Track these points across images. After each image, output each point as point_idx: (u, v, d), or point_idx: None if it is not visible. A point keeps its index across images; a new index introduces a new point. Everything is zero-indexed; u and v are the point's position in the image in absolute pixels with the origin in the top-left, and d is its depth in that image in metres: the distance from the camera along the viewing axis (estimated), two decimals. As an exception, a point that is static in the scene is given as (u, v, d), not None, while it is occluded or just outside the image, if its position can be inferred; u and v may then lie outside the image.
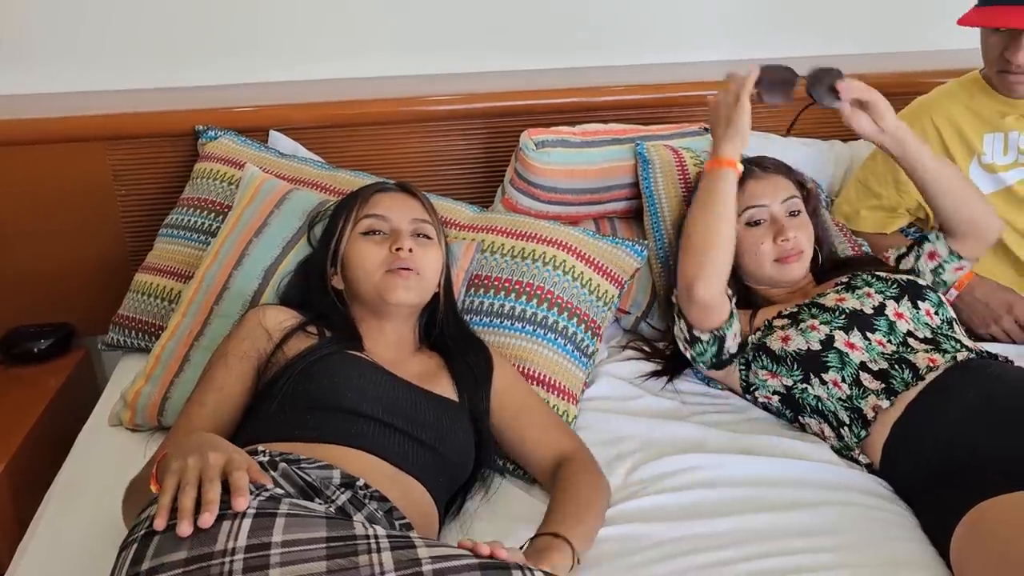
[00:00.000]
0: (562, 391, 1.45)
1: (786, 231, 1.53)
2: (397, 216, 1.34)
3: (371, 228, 1.33)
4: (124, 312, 1.70)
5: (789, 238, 1.52)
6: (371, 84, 2.03)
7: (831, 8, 2.25)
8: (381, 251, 1.30)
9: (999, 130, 1.75)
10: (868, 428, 1.34)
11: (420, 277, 1.31)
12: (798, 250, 1.54)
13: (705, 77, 2.08)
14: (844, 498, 1.25)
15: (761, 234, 1.55)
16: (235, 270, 1.51)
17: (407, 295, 1.29)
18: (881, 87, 2.06)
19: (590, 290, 1.55)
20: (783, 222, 1.54)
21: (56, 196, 1.84)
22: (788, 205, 1.57)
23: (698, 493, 1.27)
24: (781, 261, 1.54)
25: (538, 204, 1.75)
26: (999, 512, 1.10)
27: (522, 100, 1.94)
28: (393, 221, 1.33)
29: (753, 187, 1.57)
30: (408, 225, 1.34)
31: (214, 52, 2.02)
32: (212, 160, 1.76)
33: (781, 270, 1.54)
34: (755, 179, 1.58)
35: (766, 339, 1.46)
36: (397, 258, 1.29)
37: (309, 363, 1.20)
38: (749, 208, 1.56)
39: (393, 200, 1.37)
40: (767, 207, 1.56)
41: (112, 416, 1.48)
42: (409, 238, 1.31)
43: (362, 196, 1.38)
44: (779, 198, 1.57)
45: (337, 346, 1.25)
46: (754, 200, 1.56)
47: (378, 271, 1.29)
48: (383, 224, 1.33)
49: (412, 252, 1.29)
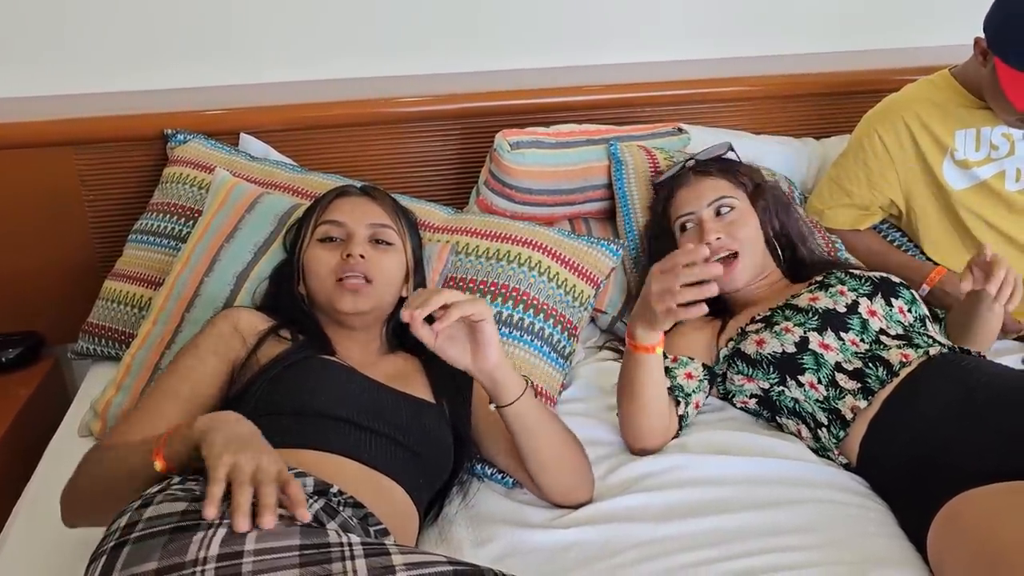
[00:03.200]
0: (539, 392, 1.45)
1: (707, 234, 1.51)
2: (354, 221, 1.32)
3: (327, 235, 1.32)
4: (93, 320, 1.67)
5: (710, 240, 1.50)
6: (343, 86, 2.01)
7: (800, 7, 2.26)
8: (333, 258, 1.29)
9: (970, 126, 1.76)
10: (847, 428, 1.34)
11: (373, 285, 1.28)
12: (728, 248, 1.52)
13: (678, 76, 2.09)
14: (822, 496, 1.25)
15: (688, 239, 1.55)
16: (206, 276, 1.49)
17: (356, 303, 1.27)
18: (850, 85, 2.11)
19: (566, 291, 1.54)
20: (707, 224, 1.53)
21: (22, 202, 1.81)
22: (716, 206, 1.56)
23: (678, 493, 1.26)
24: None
25: (513, 205, 1.75)
26: (974, 506, 1.11)
27: (496, 101, 1.93)
28: (349, 226, 1.31)
29: (682, 195, 1.60)
30: (364, 230, 1.31)
31: (183, 54, 1.99)
32: (181, 164, 1.74)
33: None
34: (684, 187, 1.60)
35: (740, 344, 1.46)
36: (347, 265, 1.27)
37: (282, 368, 1.19)
38: (680, 217, 1.58)
39: (352, 205, 1.35)
40: (695, 213, 1.56)
41: (82, 426, 1.45)
42: (364, 244, 1.29)
43: (322, 201, 1.36)
44: (704, 201, 1.56)
45: (308, 351, 1.23)
46: (683, 208, 1.58)
47: (329, 279, 1.28)
48: (339, 230, 1.31)
49: (364, 259, 1.27)
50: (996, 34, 1.61)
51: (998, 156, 1.75)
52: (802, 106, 2.13)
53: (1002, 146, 1.75)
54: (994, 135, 1.75)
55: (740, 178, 1.62)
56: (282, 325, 1.27)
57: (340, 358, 1.25)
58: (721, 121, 2.08)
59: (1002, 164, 1.76)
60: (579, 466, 1.26)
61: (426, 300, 1.07)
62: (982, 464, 1.16)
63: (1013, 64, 1.57)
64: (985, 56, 1.65)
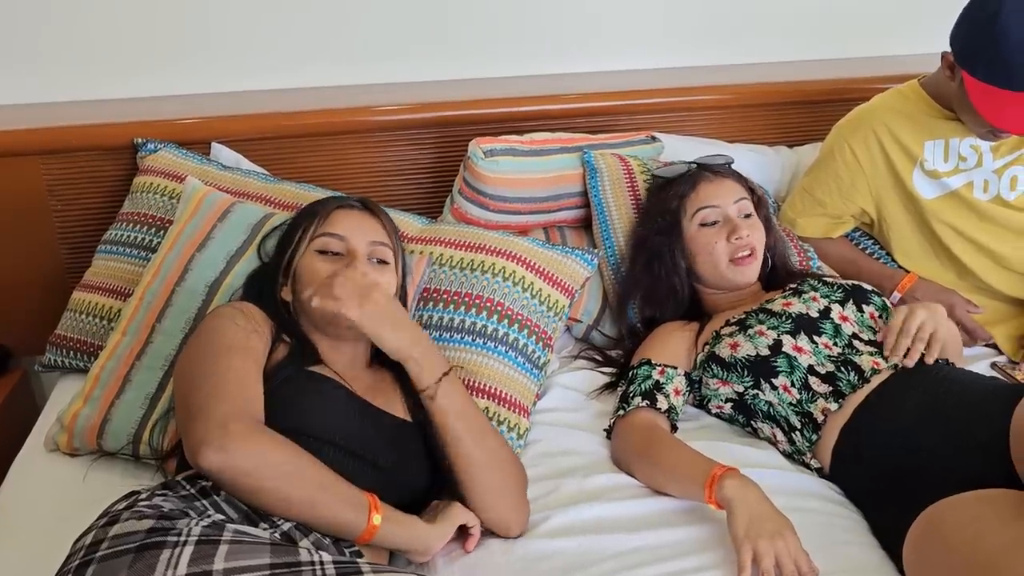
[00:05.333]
0: (514, 404, 1.44)
1: (739, 230, 1.54)
2: (355, 237, 1.31)
3: (326, 247, 1.30)
4: (61, 332, 1.64)
5: (743, 236, 1.53)
6: (315, 94, 1.99)
7: (773, 15, 2.27)
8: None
9: (939, 137, 1.78)
10: (819, 432, 1.35)
11: None
12: (751, 247, 1.55)
13: (653, 85, 2.09)
14: (797, 504, 1.26)
15: (714, 234, 1.56)
16: (178, 286, 1.46)
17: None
18: (823, 94, 2.13)
19: (540, 300, 1.54)
20: (736, 221, 1.56)
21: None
22: (741, 206, 1.59)
23: (654, 502, 1.27)
24: (735, 262, 1.55)
25: (488, 214, 1.74)
26: (953, 514, 1.11)
27: (470, 109, 1.92)
28: (350, 242, 1.30)
29: (706, 188, 1.59)
30: (365, 248, 1.31)
31: (153, 62, 1.96)
32: (152, 173, 1.72)
33: (735, 271, 1.56)
34: (707, 181, 1.60)
35: (715, 348, 1.47)
36: None
37: (278, 383, 1.17)
38: (702, 209, 1.57)
39: (353, 219, 1.34)
40: (720, 208, 1.57)
41: (48, 440, 1.42)
42: (364, 262, 1.29)
43: (322, 211, 1.34)
44: (731, 198, 1.58)
45: (299, 364, 1.22)
46: (708, 200, 1.57)
47: None
48: (339, 244, 1.30)
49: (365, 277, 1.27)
50: (963, 49, 1.62)
51: (966, 167, 1.77)
52: (775, 114, 2.14)
53: (970, 157, 1.77)
54: (963, 146, 1.77)
55: (750, 185, 1.65)
56: (282, 329, 1.26)
57: (326, 366, 1.24)
58: (695, 129, 2.09)
59: (971, 175, 1.77)
60: (511, 490, 1.23)
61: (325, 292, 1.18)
62: (957, 472, 1.17)
63: (981, 77, 1.58)
64: (953, 70, 1.66)
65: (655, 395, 1.42)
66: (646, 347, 1.54)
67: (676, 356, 1.51)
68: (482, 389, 1.43)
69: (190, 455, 1.01)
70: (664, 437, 1.35)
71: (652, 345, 1.53)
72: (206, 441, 0.99)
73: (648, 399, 1.42)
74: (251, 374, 1.12)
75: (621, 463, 1.36)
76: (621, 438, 1.39)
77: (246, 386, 1.09)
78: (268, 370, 1.18)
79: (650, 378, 1.45)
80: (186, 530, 0.91)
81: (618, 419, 1.42)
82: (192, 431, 1.02)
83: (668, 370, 1.46)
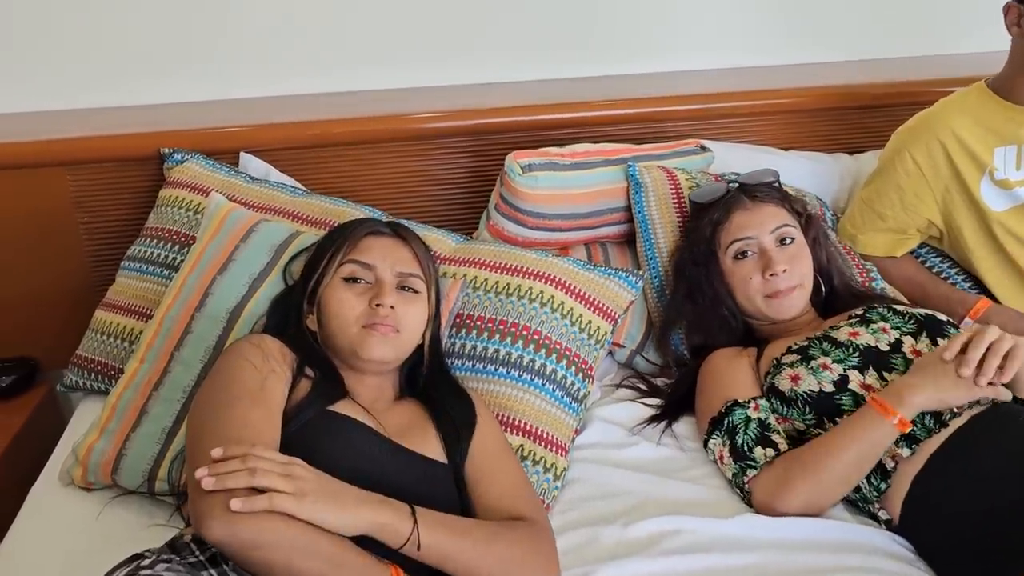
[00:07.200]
0: (550, 442, 1.35)
1: (774, 264, 1.45)
2: (384, 266, 1.24)
3: (353, 275, 1.23)
4: (83, 352, 1.60)
5: (778, 272, 1.45)
6: (348, 99, 1.94)
7: (829, 16, 2.16)
8: (360, 303, 1.21)
9: (1011, 143, 1.66)
10: (888, 480, 1.24)
11: (399, 334, 1.21)
12: (790, 286, 1.45)
13: (699, 89, 2.00)
14: (861, 562, 1.15)
15: (750, 268, 1.48)
16: (198, 312, 1.40)
17: (382, 351, 1.20)
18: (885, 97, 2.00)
19: (581, 327, 1.45)
20: (772, 254, 1.46)
21: (14, 224, 1.76)
22: (779, 234, 1.49)
23: (697, 559, 1.16)
24: (771, 297, 1.45)
25: (525, 231, 1.65)
26: None
27: (506, 116, 1.84)
28: (379, 271, 1.24)
29: (740, 218, 1.50)
30: (394, 278, 1.24)
31: (181, 67, 1.92)
32: (177, 186, 1.66)
33: (773, 306, 1.47)
34: (742, 210, 1.51)
35: (775, 379, 1.36)
36: (376, 314, 1.19)
37: (300, 424, 1.10)
38: (736, 241, 1.49)
39: (383, 247, 1.27)
40: (755, 239, 1.48)
41: (63, 473, 1.37)
42: (393, 292, 1.22)
43: (351, 236, 1.27)
44: (767, 228, 1.48)
45: (323, 401, 1.14)
46: (741, 232, 1.49)
47: (354, 325, 1.20)
48: (367, 273, 1.24)
49: (393, 309, 1.20)
50: None
51: None
52: (833, 119, 2.03)
53: None
54: None
55: (795, 206, 1.55)
56: (305, 363, 1.19)
57: (352, 402, 1.17)
58: (747, 136, 1.99)
59: None
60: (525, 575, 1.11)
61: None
62: None
63: None
64: (1020, 18, 1.53)
65: (769, 437, 1.31)
66: (717, 383, 1.42)
67: (752, 384, 1.40)
68: (516, 426, 1.35)
69: (195, 524, 0.94)
70: (805, 452, 1.26)
71: (722, 380, 1.41)
72: (211, 513, 0.92)
73: (767, 446, 1.30)
74: (264, 424, 1.05)
75: (782, 503, 1.24)
76: (767, 486, 1.26)
77: (258, 439, 1.01)
78: (289, 410, 1.11)
79: (751, 420, 1.33)
80: None
81: (752, 480, 1.29)
82: (197, 498, 0.94)
83: (760, 403, 1.36)
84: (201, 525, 0.92)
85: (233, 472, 0.94)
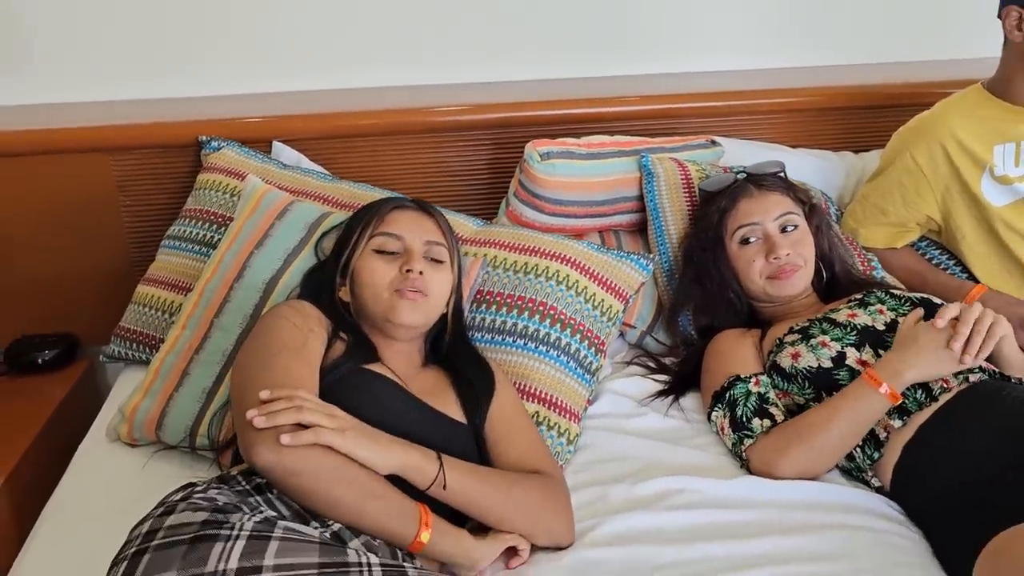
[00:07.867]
0: (564, 409, 1.43)
1: (777, 248, 1.52)
2: (411, 236, 1.32)
3: (383, 247, 1.32)
4: (125, 324, 1.68)
5: (780, 256, 1.51)
6: (375, 94, 2.02)
7: (842, 18, 2.22)
8: (391, 270, 1.29)
9: (1009, 139, 1.71)
10: (881, 449, 1.31)
11: (428, 300, 1.29)
12: (792, 266, 1.52)
13: (713, 87, 2.07)
14: (854, 521, 1.22)
15: (753, 252, 1.54)
16: (236, 283, 1.49)
17: (413, 316, 1.28)
18: (890, 98, 2.07)
19: (594, 305, 1.53)
20: (775, 239, 1.53)
21: (61, 207, 1.84)
22: (782, 221, 1.55)
23: (705, 514, 1.24)
24: (774, 277, 1.52)
25: (543, 216, 1.73)
26: (1020, 543, 1.06)
27: (528, 111, 1.92)
28: (407, 241, 1.32)
29: (745, 206, 1.57)
30: (421, 246, 1.32)
31: (218, 61, 2.01)
32: (214, 171, 1.75)
33: (775, 286, 1.54)
34: (747, 198, 1.58)
35: (776, 357, 1.44)
36: (407, 279, 1.27)
37: (334, 380, 1.18)
38: (741, 227, 1.55)
39: (409, 219, 1.35)
40: (759, 225, 1.55)
41: (110, 430, 1.46)
42: (421, 260, 1.30)
43: (379, 212, 1.36)
44: (772, 215, 1.55)
45: (356, 361, 1.23)
46: (746, 219, 1.55)
47: (386, 291, 1.28)
48: (396, 243, 1.32)
49: (423, 275, 1.28)
50: None
51: None
52: (840, 119, 2.09)
53: None
54: None
55: (799, 195, 1.62)
56: (339, 327, 1.27)
57: (384, 365, 1.26)
58: (757, 133, 2.05)
59: None
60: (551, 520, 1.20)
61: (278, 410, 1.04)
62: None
63: None
64: (1020, 21, 1.59)
65: (767, 410, 1.39)
66: (721, 361, 1.49)
67: (755, 362, 1.48)
68: (533, 393, 1.43)
69: (244, 451, 1.03)
70: (800, 420, 1.34)
71: (727, 358, 1.49)
72: (260, 439, 1.01)
73: (764, 417, 1.38)
74: (307, 375, 1.14)
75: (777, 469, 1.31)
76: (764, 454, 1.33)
77: (301, 386, 1.10)
78: (325, 366, 1.19)
79: (751, 394, 1.41)
80: (239, 524, 0.93)
81: (749, 448, 1.36)
82: (248, 433, 1.03)
83: (761, 379, 1.43)
84: (251, 452, 1.01)
85: (281, 410, 1.02)
